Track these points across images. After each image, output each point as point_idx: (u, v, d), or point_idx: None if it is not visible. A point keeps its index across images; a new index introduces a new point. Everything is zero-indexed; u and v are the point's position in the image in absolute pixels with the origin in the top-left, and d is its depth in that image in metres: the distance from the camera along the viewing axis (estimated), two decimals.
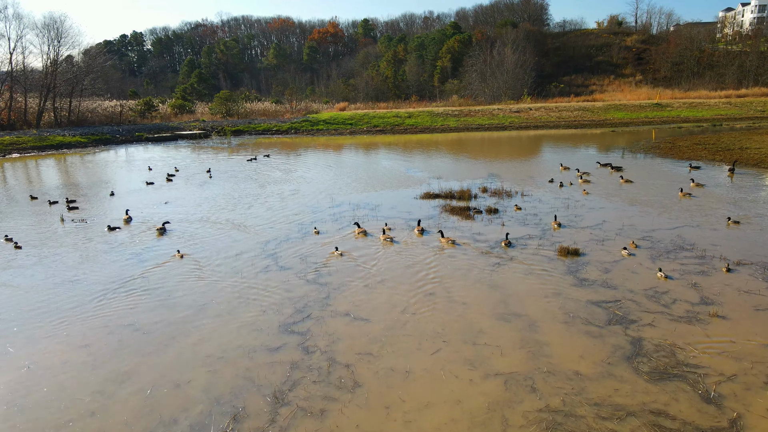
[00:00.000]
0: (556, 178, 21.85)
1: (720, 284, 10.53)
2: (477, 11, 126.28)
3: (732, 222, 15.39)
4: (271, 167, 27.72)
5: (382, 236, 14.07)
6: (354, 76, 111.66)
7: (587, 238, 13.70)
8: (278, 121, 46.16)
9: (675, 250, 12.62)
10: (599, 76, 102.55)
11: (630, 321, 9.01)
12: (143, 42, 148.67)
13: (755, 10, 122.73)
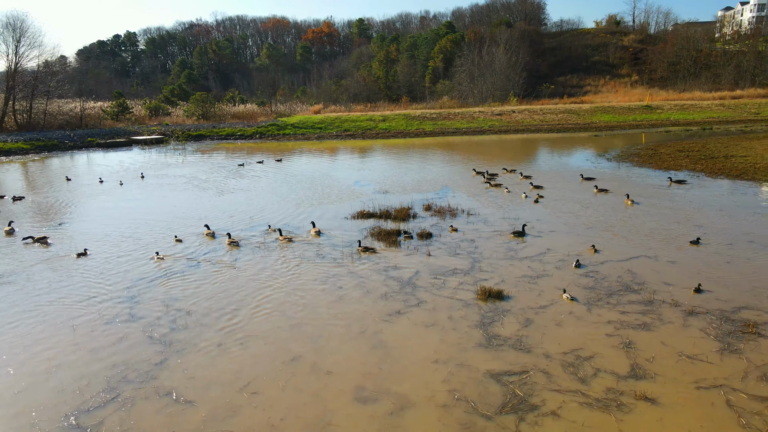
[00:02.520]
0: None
1: (659, 344, 8.40)
2: (473, 11, 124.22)
3: (691, 244, 13.43)
4: (202, 177, 25.56)
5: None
6: (346, 76, 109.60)
7: (521, 274, 11.56)
8: (244, 125, 43.88)
9: (620, 292, 10.48)
10: (594, 76, 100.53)
11: (530, 407, 6.87)
12: (137, 42, 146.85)
13: (754, 9, 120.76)
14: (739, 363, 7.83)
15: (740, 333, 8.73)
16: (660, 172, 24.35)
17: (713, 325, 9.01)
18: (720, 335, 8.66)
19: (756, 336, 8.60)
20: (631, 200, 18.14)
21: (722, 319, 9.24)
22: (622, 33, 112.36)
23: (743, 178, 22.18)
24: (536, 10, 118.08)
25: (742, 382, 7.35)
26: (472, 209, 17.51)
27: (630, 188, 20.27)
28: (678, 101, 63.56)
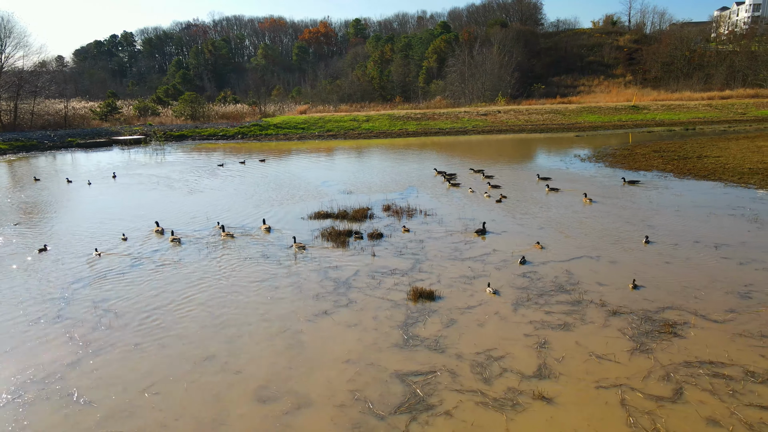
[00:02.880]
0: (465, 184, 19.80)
1: (573, 344, 8.44)
2: (470, 11, 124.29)
3: (645, 243, 13.54)
4: (175, 177, 25.58)
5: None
6: (342, 76, 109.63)
7: (460, 274, 11.60)
8: (228, 125, 43.90)
9: (551, 292, 10.52)
10: (589, 76, 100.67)
11: (426, 407, 6.91)
12: (133, 42, 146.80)
13: (749, 9, 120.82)
14: (645, 363, 7.87)
15: (657, 333, 8.78)
16: (630, 172, 24.40)
17: (633, 325, 9.05)
18: (636, 335, 8.70)
19: (671, 336, 8.65)
20: (589, 199, 18.25)
21: (644, 319, 9.29)
22: (617, 33, 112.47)
23: (710, 178, 22.24)
24: (533, 10, 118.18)
25: (643, 381, 7.39)
26: (431, 209, 17.56)
27: (593, 188, 20.34)
28: (664, 102, 63.63)
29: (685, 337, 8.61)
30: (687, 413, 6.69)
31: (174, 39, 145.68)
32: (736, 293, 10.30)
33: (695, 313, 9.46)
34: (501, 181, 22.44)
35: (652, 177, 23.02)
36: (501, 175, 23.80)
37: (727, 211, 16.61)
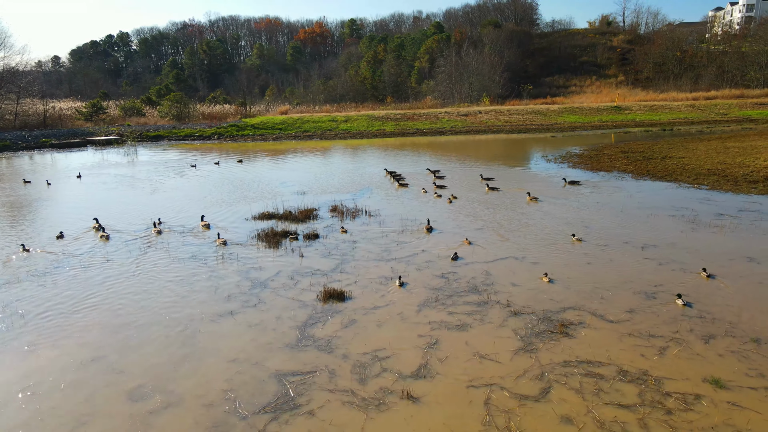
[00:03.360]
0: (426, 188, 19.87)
1: (462, 344, 8.54)
2: (465, 11, 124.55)
3: (576, 239, 13.74)
4: (141, 176, 25.61)
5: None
6: (335, 77, 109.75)
7: (380, 275, 11.69)
8: (206, 125, 43.94)
9: (463, 293, 10.61)
10: (581, 76, 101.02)
11: (292, 407, 6.99)
12: (129, 42, 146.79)
13: (743, 9, 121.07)
14: (525, 363, 7.97)
15: (549, 333, 8.88)
16: (591, 173, 24.53)
17: (528, 326, 9.15)
18: (527, 336, 8.80)
19: (561, 336, 8.74)
20: (535, 198, 18.45)
21: (542, 319, 9.38)
22: (612, 33, 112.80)
23: (666, 179, 22.37)
24: (528, 10, 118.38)
25: (515, 381, 7.49)
26: (377, 210, 17.65)
27: (547, 189, 20.48)
28: (647, 102, 63.84)
29: (574, 337, 8.72)
30: (545, 412, 6.79)
31: (170, 39, 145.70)
32: (643, 293, 10.41)
33: (594, 314, 9.56)
34: (458, 181, 22.57)
35: (610, 178, 23.15)
36: (459, 176, 23.91)
37: (669, 212, 16.73)
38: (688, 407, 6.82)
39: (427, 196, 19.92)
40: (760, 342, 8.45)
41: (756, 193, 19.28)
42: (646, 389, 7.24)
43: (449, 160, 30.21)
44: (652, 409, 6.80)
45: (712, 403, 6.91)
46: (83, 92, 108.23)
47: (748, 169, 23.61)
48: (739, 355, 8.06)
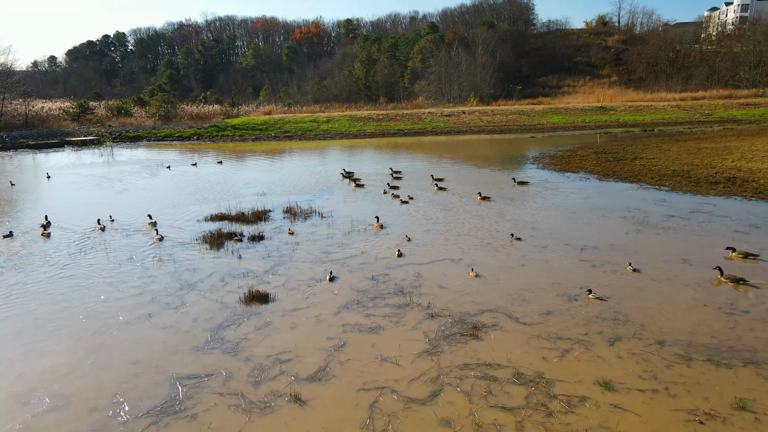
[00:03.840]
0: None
1: (368, 347, 8.54)
2: (461, 11, 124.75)
3: (515, 238, 13.99)
4: (113, 177, 25.58)
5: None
6: (330, 77, 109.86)
7: (311, 276, 11.70)
8: (187, 126, 43.89)
9: (388, 295, 10.62)
10: (575, 76, 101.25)
11: (177, 410, 6.99)
12: (126, 42, 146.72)
13: (737, 9, 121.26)
14: (425, 365, 7.98)
15: (459, 335, 8.90)
16: (558, 174, 24.56)
17: (442, 328, 9.16)
18: (436, 338, 8.81)
19: (470, 339, 8.76)
20: (486, 198, 18.58)
21: (457, 321, 9.40)
22: (607, 34, 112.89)
23: (629, 180, 22.39)
24: (524, 10, 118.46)
25: (409, 384, 7.50)
26: (331, 211, 17.66)
27: (501, 190, 20.50)
28: (635, 102, 63.89)
29: (482, 340, 8.73)
30: (427, 415, 6.80)
31: (166, 39, 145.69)
32: (566, 295, 10.43)
33: (510, 316, 9.58)
34: (421, 182, 22.58)
35: (575, 179, 23.18)
36: (423, 176, 23.90)
37: (621, 213, 16.74)
38: (570, 409, 6.84)
39: (385, 197, 19.94)
40: (663, 344, 8.47)
41: (714, 194, 19.30)
42: (535, 392, 7.26)
43: (419, 160, 30.21)
44: (534, 412, 6.81)
45: (594, 405, 6.93)
46: (77, 92, 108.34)
47: (714, 170, 23.64)
48: (639, 358, 8.08)
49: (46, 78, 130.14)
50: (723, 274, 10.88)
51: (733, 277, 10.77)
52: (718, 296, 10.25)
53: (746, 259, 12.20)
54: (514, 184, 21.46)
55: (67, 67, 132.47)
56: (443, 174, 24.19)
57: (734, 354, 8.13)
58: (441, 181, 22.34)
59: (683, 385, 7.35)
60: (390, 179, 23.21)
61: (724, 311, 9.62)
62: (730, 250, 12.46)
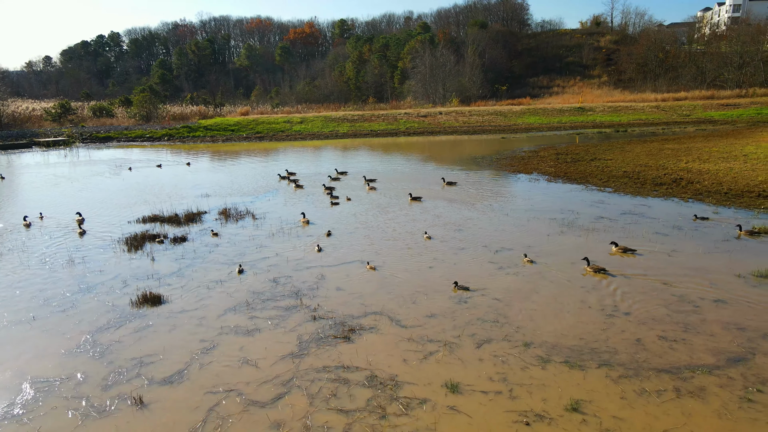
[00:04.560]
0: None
1: (236, 350, 8.56)
2: (455, 12, 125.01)
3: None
4: (74, 178, 25.57)
5: None
6: (321, 77, 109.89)
7: (214, 279, 11.71)
8: (159, 127, 43.90)
9: (281, 297, 10.65)
10: (566, 77, 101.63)
11: (12, 416, 7.02)
12: (120, 43, 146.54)
13: (729, 9, 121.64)
14: (284, 368, 8.00)
15: (332, 338, 8.92)
16: (511, 175, 24.64)
17: (319, 331, 9.19)
18: (309, 341, 8.83)
19: (342, 342, 8.78)
20: (416, 198, 18.68)
21: (337, 324, 9.42)
22: (599, 34, 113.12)
23: (578, 181, 22.46)
24: (518, 11, 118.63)
25: (258, 386, 7.52)
26: (266, 213, 17.70)
27: (433, 191, 20.55)
28: (615, 103, 64.04)
29: (353, 343, 8.76)
30: (261, 418, 6.82)
31: (160, 39, 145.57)
32: (457, 298, 10.48)
33: (393, 318, 9.61)
34: (358, 183, 22.73)
35: (525, 180, 23.26)
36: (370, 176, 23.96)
37: (554, 215, 16.78)
38: (405, 412, 6.87)
39: (323, 198, 20.01)
40: (530, 346, 8.52)
41: (654, 195, 19.38)
42: (380, 394, 7.29)
43: (376, 161, 30.25)
44: (369, 414, 6.84)
45: (432, 407, 6.97)
46: (68, 93, 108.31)
47: (664, 171, 23.72)
48: (499, 360, 8.12)
49: (40, 78, 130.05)
50: (589, 264, 11.52)
51: (596, 267, 11.49)
52: (606, 298, 10.30)
53: (625, 254, 12.65)
54: (443, 184, 21.62)
55: (62, 68, 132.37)
56: (386, 174, 24.34)
57: (594, 356, 8.18)
58: (373, 181, 22.52)
59: (529, 387, 7.40)
60: (328, 180, 23.35)
61: (606, 313, 9.68)
62: (613, 245, 12.92)
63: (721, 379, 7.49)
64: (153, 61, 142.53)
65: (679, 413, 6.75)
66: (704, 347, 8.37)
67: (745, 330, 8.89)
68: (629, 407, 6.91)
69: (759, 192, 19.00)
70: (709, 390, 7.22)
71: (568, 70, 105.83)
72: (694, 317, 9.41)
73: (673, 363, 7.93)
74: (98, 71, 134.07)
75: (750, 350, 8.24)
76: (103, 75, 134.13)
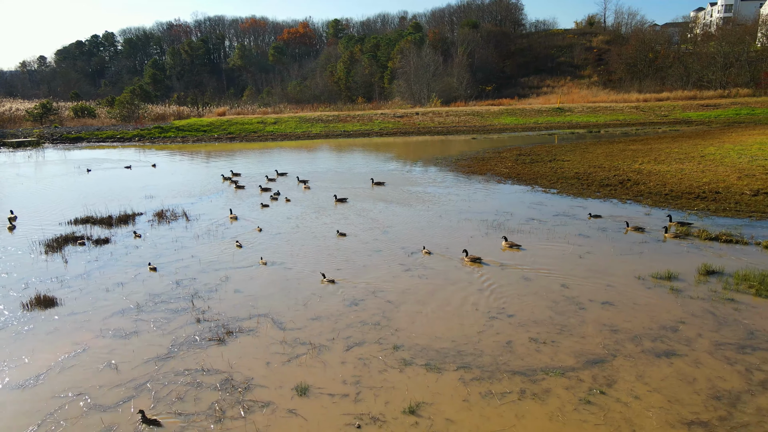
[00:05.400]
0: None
1: (105, 353, 8.56)
2: (449, 12, 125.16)
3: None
4: (30, 177, 25.52)
5: None
6: (312, 77, 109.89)
7: (118, 281, 11.70)
8: (134, 127, 43.84)
9: (178, 299, 10.65)
10: (556, 77, 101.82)
11: None
12: (115, 43, 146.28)
13: (721, 9, 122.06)
14: (144, 371, 8.00)
15: (207, 341, 8.93)
16: (463, 176, 24.66)
17: (197, 333, 9.18)
18: (182, 344, 8.83)
19: (215, 344, 8.79)
20: (341, 200, 18.93)
21: (218, 326, 9.42)
22: (592, 34, 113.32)
23: (526, 183, 22.48)
24: (512, 11, 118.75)
25: (108, 390, 7.53)
26: (200, 214, 17.71)
27: (361, 191, 20.61)
28: (594, 104, 64.18)
29: (225, 345, 8.77)
30: (95, 421, 6.82)
31: (154, 39, 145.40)
32: (349, 299, 10.50)
33: (276, 321, 9.62)
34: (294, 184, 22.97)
35: (474, 181, 23.30)
36: (318, 178, 24.00)
37: (487, 216, 16.79)
38: (243, 416, 6.88)
39: (260, 198, 20.13)
40: (398, 349, 8.53)
41: (596, 197, 19.40)
42: (227, 397, 7.30)
43: (332, 161, 30.26)
44: (205, 418, 6.85)
45: (272, 411, 6.98)
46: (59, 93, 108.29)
47: (616, 172, 23.76)
48: (361, 363, 8.13)
49: (34, 78, 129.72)
50: (467, 256, 12.44)
51: (473, 257, 12.39)
52: (497, 301, 10.32)
53: (512, 248, 13.30)
54: (372, 184, 21.86)
55: (56, 68, 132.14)
56: (322, 175, 24.38)
57: (457, 358, 8.20)
58: (307, 182, 23.02)
59: (378, 390, 7.42)
60: (265, 181, 23.56)
61: (491, 315, 9.71)
62: (503, 239, 13.71)
63: (571, 381, 7.53)
64: (147, 61, 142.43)
65: (513, 415, 6.79)
66: (570, 349, 8.41)
67: (617, 332, 8.94)
68: (467, 409, 6.94)
69: (698, 193, 19.08)
70: (553, 392, 7.26)
71: (559, 71, 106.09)
72: (574, 319, 9.45)
73: (532, 365, 7.97)
74: (92, 71, 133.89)
75: (613, 352, 8.29)
76: (97, 75, 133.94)
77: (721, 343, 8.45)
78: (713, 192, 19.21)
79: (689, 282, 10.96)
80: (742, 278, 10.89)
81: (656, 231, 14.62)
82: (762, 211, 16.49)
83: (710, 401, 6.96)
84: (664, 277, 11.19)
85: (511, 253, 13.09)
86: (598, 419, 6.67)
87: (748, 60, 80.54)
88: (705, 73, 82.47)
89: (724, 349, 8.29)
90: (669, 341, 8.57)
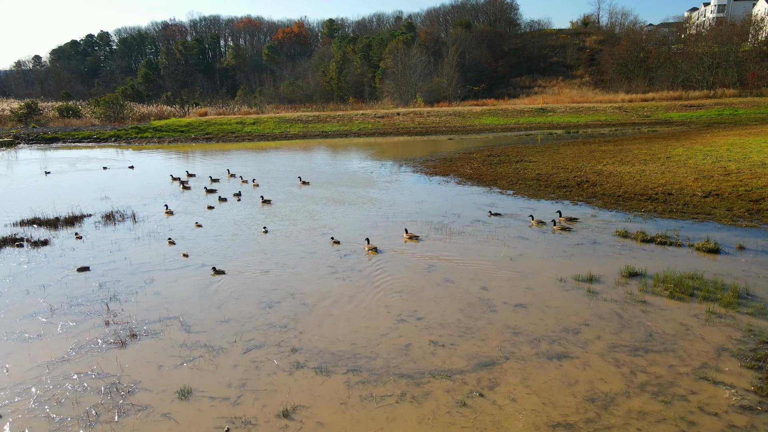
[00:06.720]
0: None
1: (25, 356, 8.57)
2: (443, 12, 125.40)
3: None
4: None
5: None
6: (304, 77, 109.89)
7: (40, 283, 11.69)
8: (113, 127, 43.79)
9: (96, 302, 10.64)
10: (549, 77, 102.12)
11: None
12: (110, 42, 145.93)
13: (714, 10, 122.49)
14: (35, 374, 7.98)
15: (109, 344, 8.92)
16: (425, 177, 24.69)
17: (101, 337, 9.17)
18: (82, 347, 8.81)
19: (115, 348, 8.78)
20: (267, 201, 19.31)
21: (125, 330, 9.42)
22: (585, 34, 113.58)
23: (485, 185, 22.47)
24: (507, 10, 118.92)
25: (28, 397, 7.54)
26: (149, 216, 17.73)
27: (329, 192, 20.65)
28: (577, 104, 64.32)
29: (126, 348, 8.77)
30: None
31: (149, 38, 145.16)
32: (266, 302, 10.50)
33: (184, 324, 9.61)
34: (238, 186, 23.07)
35: (435, 182, 23.34)
36: (270, 178, 24.00)
37: (433, 218, 16.78)
38: (116, 420, 6.88)
39: (206, 199, 20.24)
40: (296, 352, 8.54)
41: (549, 198, 19.42)
42: (107, 401, 7.29)
43: (297, 160, 30.26)
44: (78, 422, 6.84)
45: (147, 414, 6.98)
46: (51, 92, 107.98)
47: (577, 173, 23.81)
48: (254, 366, 8.13)
49: (28, 78, 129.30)
50: (368, 244, 13.64)
51: (371, 247, 13.56)
52: (411, 304, 10.33)
53: (411, 239, 14.41)
54: (300, 183, 22.38)
55: (50, 67, 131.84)
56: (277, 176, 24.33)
57: (350, 361, 8.21)
58: (253, 181, 23.35)
59: (260, 393, 7.43)
60: (209, 182, 23.83)
61: (401, 318, 9.72)
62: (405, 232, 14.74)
63: (455, 383, 7.55)
64: (142, 60, 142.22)
65: (384, 418, 6.81)
66: (465, 352, 8.44)
67: (519, 334, 8.97)
68: (341, 413, 6.96)
69: (651, 195, 19.14)
70: (433, 395, 7.28)
71: (551, 71, 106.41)
72: (482, 321, 9.48)
73: (422, 368, 7.99)
74: (87, 71, 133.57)
75: (507, 354, 8.32)
76: (91, 74, 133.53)
77: (617, 345, 8.49)
78: (666, 193, 19.28)
79: (608, 284, 11.01)
80: (660, 280, 10.94)
81: (559, 225, 14.70)
82: (707, 212, 16.56)
83: (584, 403, 7.00)
84: (585, 279, 11.23)
85: (442, 252, 13.11)
86: (467, 422, 6.70)
87: (737, 60, 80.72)
88: (692, 73, 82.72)
89: (617, 351, 8.33)
90: (566, 343, 8.61)
